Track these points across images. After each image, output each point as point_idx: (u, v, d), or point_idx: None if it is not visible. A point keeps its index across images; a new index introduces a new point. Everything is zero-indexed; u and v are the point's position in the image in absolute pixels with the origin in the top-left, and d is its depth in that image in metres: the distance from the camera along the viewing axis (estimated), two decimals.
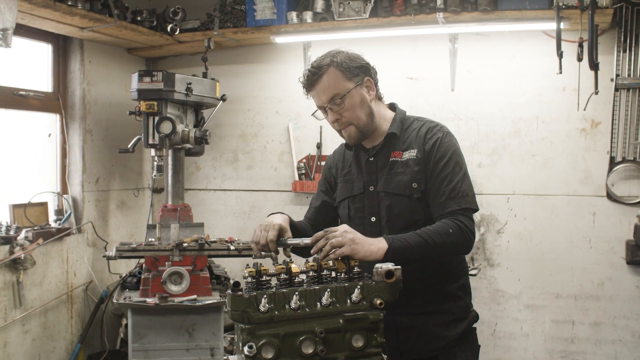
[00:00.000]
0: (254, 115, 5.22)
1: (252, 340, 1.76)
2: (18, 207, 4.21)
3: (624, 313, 4.29)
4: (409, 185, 2.26)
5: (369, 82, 2.34)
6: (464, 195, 2.21)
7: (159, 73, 3.93)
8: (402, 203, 2.27)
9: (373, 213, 2.35)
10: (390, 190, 2.30)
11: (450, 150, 2.27)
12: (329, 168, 2.61)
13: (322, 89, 2.29)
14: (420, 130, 2.32)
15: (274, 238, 2.15)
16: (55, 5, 3.71)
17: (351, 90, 2.27)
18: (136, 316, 3.73)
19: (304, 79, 2.33)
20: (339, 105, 2.28)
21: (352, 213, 2.41)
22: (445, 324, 2.28)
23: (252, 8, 4.59)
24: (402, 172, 2.28)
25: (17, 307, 4.03)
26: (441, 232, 2.12)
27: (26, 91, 4.25)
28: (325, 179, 2.61)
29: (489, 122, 4.56)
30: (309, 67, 2.32)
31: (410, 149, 2.30)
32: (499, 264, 4.58)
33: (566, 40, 4.00)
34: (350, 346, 1.82)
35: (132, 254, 3.79)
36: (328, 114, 2.34)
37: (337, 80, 2.26)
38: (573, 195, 4.39)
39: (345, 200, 2.44)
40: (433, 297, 2.29)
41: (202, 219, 4.80)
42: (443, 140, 2.28)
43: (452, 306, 2.32)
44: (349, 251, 1.98)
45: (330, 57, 2.29)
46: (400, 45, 4.69)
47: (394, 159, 2.32)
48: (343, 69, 2.27)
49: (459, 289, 2.37)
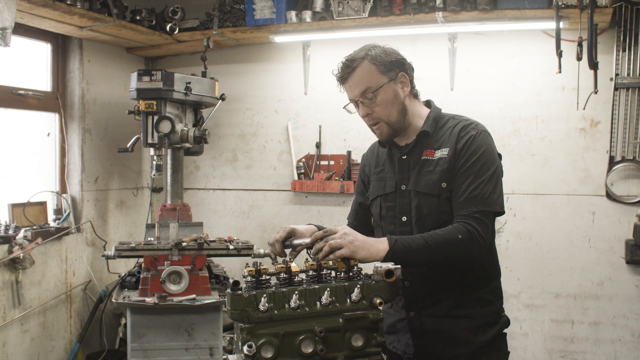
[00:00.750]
0: (253, 115, 5.22)
1: (252, 340, 1.75)
2: (17, 206, 4.20)
3: (623, 312, 4.29)
4: (438, 184, 2.19)
5: (403, 77, 2.27)
6: (484, 197, 2.12)
7: (158, 72, 3.93)
8: (431, 203, 2.21)
9: (404, 212, 2.28)
10: (419, 189, 2.23)
11: (481, 149, 2.17)
12: (363, 167, 2.57)
13: (354, 82, 2.23)
14: (455, 129, 2.24)
15: (280, 239, 2.14)
16: (54, 4, 3.70)
17: (384, 84, 2.21)
18: (135, 315, 3.72)
19: (337, 71, 2.28)
20: (371, 100, 2.22)
21: (383, 212, 2.35)
22: (474, 328, 2.21)
23: (251, 7, 4.59)
24: (432, 171, 2.21)
25: (15, 307, 4.02)
26: (448, 237, 2.05)
27: (25, 90, 4.25)
28: (361, 179, 2.56)
29: (489, 121, 4.48)
30: (343, 60, 2.26)
31: (443, 147, 2.22)
32: None
33: (565, 39, 4.00)
34: (349, 345, 1.82)
35: (131, 253, 3.78)
36: (359, 108, 2.28)
37: (371, 74, 2.21)
38: (572, 195, 4.39)
39: (377, 199, 2.38)
40: (462, 301, 2.21)
41: (201, 219, 4.80)
42: (476, 138, 2.18)
43: (483, 311, 2.24)
44: (349, 253, 1.95)
45: (365, 51, 2.24)
46: (399, 44, 4.58)
47: (425, 157, 2.25)
48: (377, 62, 2.21)
49: (490, 293, 2.29)
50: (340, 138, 4.92)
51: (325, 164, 4.95)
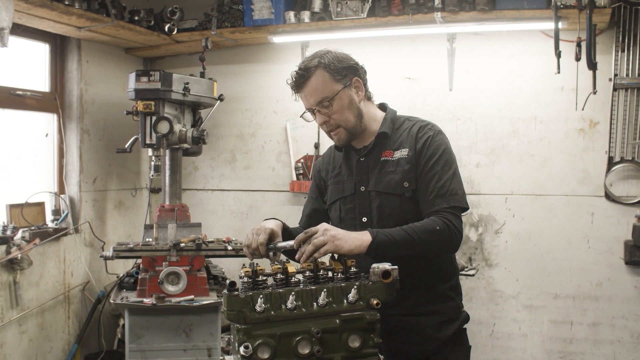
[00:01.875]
0: (252, 115, 5.21)
1: (248, 341, 1.75)
2: (15, 207, 4.19)
3: (622, 313, 4.29)
4: (400, 184, 2.24)
5: (357, 82, 2.31)
6: (452, 194, 2.19)
7: (156, 73, 3.92)
8: (394, 202, 2.25)
9: (364, 214, 2.32)
10: (381, 189, 2.27)
11: (441, 149, 2.24)
12: (318, 172, 2.59)
13: (309, 92, 2.27)
14: (412, 130, 2.30)
15: (264, 242, 2.15)
16: (52, 4, 3.70)
17: (339, 92, 2.24)
18: (133, 316, 3.72)
19: (291, 81, 2.32)
20: (327, 108, 2.26)
21: (343, 214, 2.39)
22: (437, 325, 2.27)
23: (249, 8, 4.59)
24: (393, 171, 2.26)
25: (13, 308, 4.02)
26: (428, 229, 2.09)
27: (23, 91, 4.24)
28: (316, 184, 2.59)
29: (487, 122, 4.55)
30: (296, 69, 2.30)
31: (401, 148, 2.28)
32: (497, 264, 4.57)
33: (564, 39, 4.00)
34: (346, 346, 1.81)
35: (129, 254, 3.79)
36: (316, 116, 2.32)
37: (325, 83, 2.24)
38: (571, 196, 4.39)
39: (336, 202, 2.42)
40: (424, 298, 2.27)
41: (199, 219, 4.79)
42: (434, 138, 2.26)
43: (444, 307, 2.30)
44: (333, 248, 1.97)
45: (317, 58, 2.27)
46: (398, 45, 4.68)
47: (385, 158, 2.30)
48: (331, 70, 2.24)
49: (450, 289, 2.35)
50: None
51: None
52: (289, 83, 2.34)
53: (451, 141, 2.35)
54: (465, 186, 4.56)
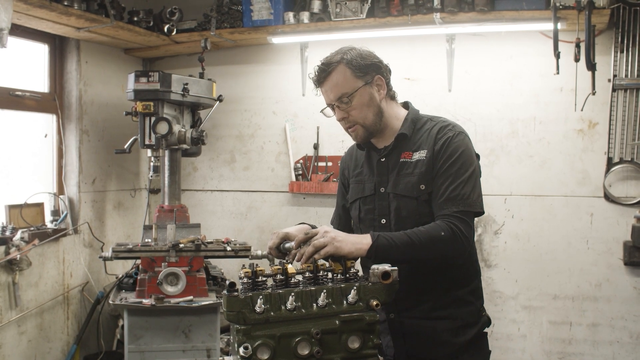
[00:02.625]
0: (251, 116, 5.21)
1: (248, 341, 1.75)
2: (14, 207, 4.19)
3: (621, 314, 4.29)
4: (417, 187, 2.19)
5: (380, 80, 2.27)
6: (464, 198, 2.13)
7: (155, 73, 3.92)
8: (410, 205, 2.21)
9: (383, 215, 2.29)
10: (398, 191, 2.24)
11: (460, 150, 2.18)
12: (342, 170, 2.57)
13: (330, 87, 2.25)
14: (432, 130, 2.25)
15: (273, 245, 2.18)
16: (51, 5, 3.69)
17: (359, 89, 2.22)
18: (132, 317, 3.72)
19: (313, 75, 2.29)
20: (347, 104, 2.23)
21: (362, 214, 2.36)
22: (454, 329, 2.21)
23: (249, 8, 4.59)
24: (411, 174, 2.22)
25: (12, 308, 4.01)
26: (432, 234, 2.05)
27: (22, 91, 4.24)
28: (341, 182, 2.57)
29: (486, 122, 4.55)
30: (319, 63, 2.27)
31: (420, 149, 2.23)
32: (496, 265, 4.57)
33: (563, 40, 4.00)
34: (346, 347, 1.81)
35: (128, 254, 3.79)
36: (335, 112, 2.30)
37: (346, 78, 2.22)
38: (570, 196, 4.39)
39: (356, 202, 2.39)
40: (441, 302, 2.22)
41: (198, 220, 4.79)
42: (453, 139, 2.20)
43: (462, 311, 2.24)
44: (333, 250, 1.96)
45: (341, 54, 2.24)
46: (397, 45, 4.68)
47: (404, 159, 2.26)
48: (353, 66, 2.21)
49: (470, 294, 2.29)
50: (338, 139, 4.91)
51: (323, 165, 4.95)
52: (311, 77, 2.31)
53: None
54: None
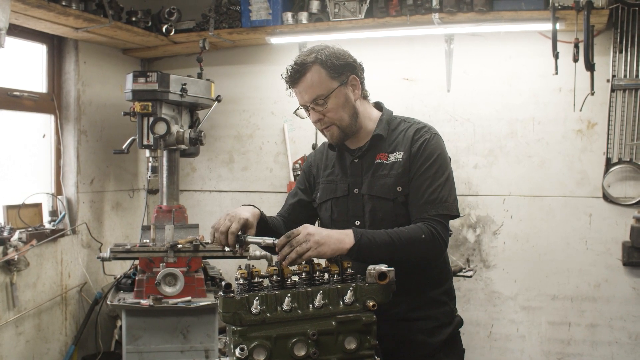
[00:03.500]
0: (250, 116, 5.20)
1: (244, 343, 1.74)
2: (12, 208, 4.18)
3: (620, 315, 4.28)
4: (393, 188, 2.19)
5: (354, 80, 2.26)
6: (442, 201, 2.14)
7: (153, 74, 3.92)
8: (386, 207, 2.21)
9: (357, 216, 2.27)
10: (374, 193, 2.23)
11: (436, 153, 2.19)
12: (309, 166, 2.53)
13: (304, 88, 2.22)
14: (408, 132, 2.25)
15: (235, 231, 2.07)
16: (49, 5, 3.69)
17: (335, 90, 2.19)
18: (130, 318, 3.71)
19: (286, 75, 2.26)
20: (322, 106, 2.21)
21: (335, 216, 2.34)
22: (429, 330, 2.23)
23: (247, 9, 4.58)
24: (387, 175, 2.21)
25: (10, 309, 4.01)
26: (412, 236, 2.06)
27: (20, 92, 4.23)
28: (305, 178, 2.53)
29: (485, 123, 4.55)
30: (292, 63, 2.24)
31: (396, 150, 2.23)
32: (495, 265, 4.57)
33: (562, 41, 3.99)
34: (342, 348, 1.81)
35: (126, 255, 3.78)
36: (310, 113, 2.28)
37: (321, 80, 2.19)
38: (569, 197, 4.38)
39: (327, 202, 2.37)
40: (416, 303, 2.23)
41: (197, 220, 4.77)
42: (430, 142, 2.20)
43: (437, 312, 2.26)
44: (315, 254, 1.94)
45: (315, 54, 2.21)
46: (395, 46, 4.68)
47: (379, 161, 2.25)
48: (328, 67, 2.19)
49: (444, 294, 2.31)
50: None
51: None
52: (284, 77, 2.28)
53: (449, 142, 2.32)
54: (463, 187, 4.59)
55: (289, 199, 2.56)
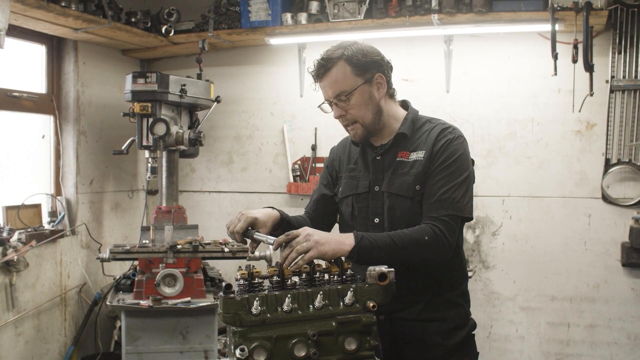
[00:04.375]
0: (249, 117, 5.20)
1: (244, 343, 1.74)
2: (11, 208, 4.18)
3: (619, 315, 4.29)
4: (412, 187, 2.17)
5: (380, 78, 2.23)
6: (454, 201, 2.11)
7: (153, 74, 3.92)
8: (404, 205, 2.19)
9: (377, 214, 2.26)
10: (393, 191, 2.21)
11: (458, 153, 2.17)
12: (331, 161, 2.53)
13: (329, 83, 2.20)
14: (432, 132, 2.22)
15: (240, 230, 2.12)
16: (48, 6, 3.69)
17: (358, 87, 2.18)
18: (130, 318, 3.71)
19: (313, 69, 2.25)
20: (345, 102, 2.20)
21: (355, 212, 2.32)
22: (444, 332, 2.22)
23: (246, 9, 4.58)
24: (407, 173, 2.20)
25: (9, 310, 4.00)
26: (415, 237, 2.04)
27: (20, 92, 4.23)
28: (328, 172, 2.52)
29: (484, 123, 4.55)
30: (319, 57, 2.23)
31: (418, 150, 2.21)
32: (494, 266, 4.57)
33: (561, 41, 4.00)
34: (343, 349, 1.81)
35: (125, 256, 3.78)
36: (333, 109, 2.26)
37: (345, 76, 2.17)
38: (568, 197, 4.39)
39: (348, 198, 2.35)
40: (432, 305, 2.22)
41: (196, 221, 4.78)
42: (452, 142, 2.18)
43: (452, 313, 2.25)
44: (316, 254, 1.93)
45: (342, 49, 2.19)
46: (395, 46, 4.66)
47: (400, 159, 2.23)
48: (353, 63, 2.17)
49: (459, 296, 2.31)
50: (336, 140, 4.83)
51: (321, 166, 4.93)
52: (310, 71, 2.27)
53: None
54: None
55: (313, 195, 2.56)
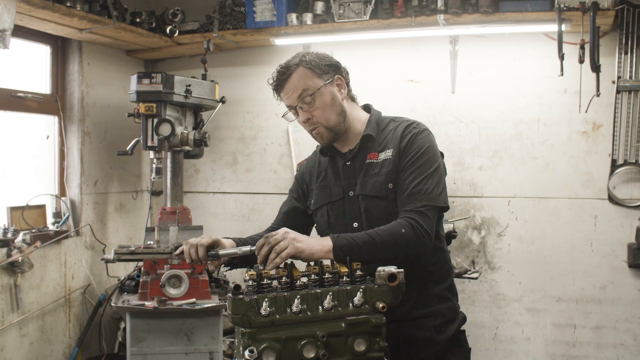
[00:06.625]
0: (254, 118, 5.20)
1: (253, 345, 1.73)
2: (16, 209, 4.18)
3: (625, 317, 4.27)
4: (385, 186, 2.19)
5: (339, 80, 2.29)
6: (427, 192, 2.12)
7: (158, 75, 3.91)
8: (380, 205, 2.21)
9: (354, 218, 2.27)
10: (367, 192, 2.23)
11: (425, 146, 2.19)
12: (302, 174, 2.54)
13: (291, 87, 2.23)
14: (397, 130, 2.26)
15: (205, 244, 2.16)
16: (53, 6, 3.69)
17: (321, 87, 2.22)
18: (134, 320, 3.70)
19: (272, 80, 2.29)
20: (309, 104, 2.23)
21: (332, 220, 2.34)
22: (436, 327, 2.23)
23: (251, 10, 4.57)
24: (378, 174, 2.22)
25: (14, 311, 4.00)
26: (392, 231, 2.05)
27: (24, 93, 4.23)
28: (298, 185, 2.54)
29: (490, 124, 4.54)
30: (277, 68, 2.27)
31: (386, 149, 2.24)
32: (500, 267, 4.56)
33: (567, 42, 3.98)
34: (352, 350, 1.80)
35: (130, 257, 3.75)
36: (299, 114, 2.28)
37: (307, 78, 2.22)
38: (574, 198, 4.37)
39: (323, 207, 2.37)
40: (422, 301, 2.23)
41: (201, 222, 4.78)
42: (418, 136, 2.21)
43: (442, 307, 2.26)
44: (293, 251, 1.95)
45: (299, 57, 2.25)
46: (400, 47, 4.67)
47: (370, 160, 2.26)
48: (312, 67, 2.22)
49: (446, 290, 2.32)
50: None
51: None
52: (270, 83, 2.30)
53: (453, 144, 2.31)
54: (468, 189, 4.58)
55: (283, 207, 2.57)
